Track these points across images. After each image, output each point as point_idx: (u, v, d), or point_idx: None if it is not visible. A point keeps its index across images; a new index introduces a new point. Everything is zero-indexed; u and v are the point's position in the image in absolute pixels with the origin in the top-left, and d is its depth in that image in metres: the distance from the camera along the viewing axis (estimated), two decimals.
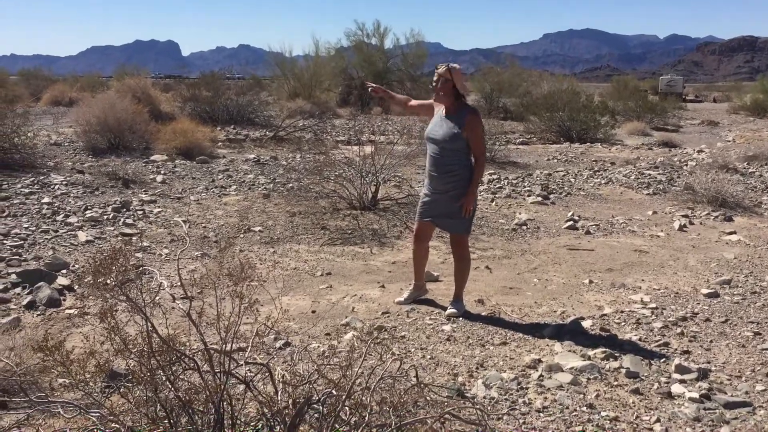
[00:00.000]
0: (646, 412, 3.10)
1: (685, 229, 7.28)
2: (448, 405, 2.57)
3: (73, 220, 6.76)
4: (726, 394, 3.29)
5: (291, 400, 2.26)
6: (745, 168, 11.32)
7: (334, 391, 2.26)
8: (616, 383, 3.39)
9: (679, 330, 4.17)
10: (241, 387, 2.40)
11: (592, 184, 9.92)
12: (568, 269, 5.70)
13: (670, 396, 3.26)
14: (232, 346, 2.30)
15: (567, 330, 4.13)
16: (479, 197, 6.02)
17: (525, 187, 9.52)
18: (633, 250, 6.35)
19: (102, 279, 2.25)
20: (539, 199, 8.63)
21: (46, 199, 7.56)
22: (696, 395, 3.22)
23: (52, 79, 31.09)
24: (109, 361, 2.31)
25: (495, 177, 10.21)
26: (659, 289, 5.10)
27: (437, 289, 4.92)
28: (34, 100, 23.94)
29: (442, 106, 4.37)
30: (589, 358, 3.67)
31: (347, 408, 2.28)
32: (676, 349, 3.88)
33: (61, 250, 5.80)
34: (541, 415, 3.04)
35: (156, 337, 2.23)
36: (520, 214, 7.80)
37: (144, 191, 8.43)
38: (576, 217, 7.65)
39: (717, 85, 79.51)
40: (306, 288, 5.06)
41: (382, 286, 5.06)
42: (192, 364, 2.26)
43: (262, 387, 2.48)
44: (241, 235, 6.54)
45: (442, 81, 4.26)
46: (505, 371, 3.51)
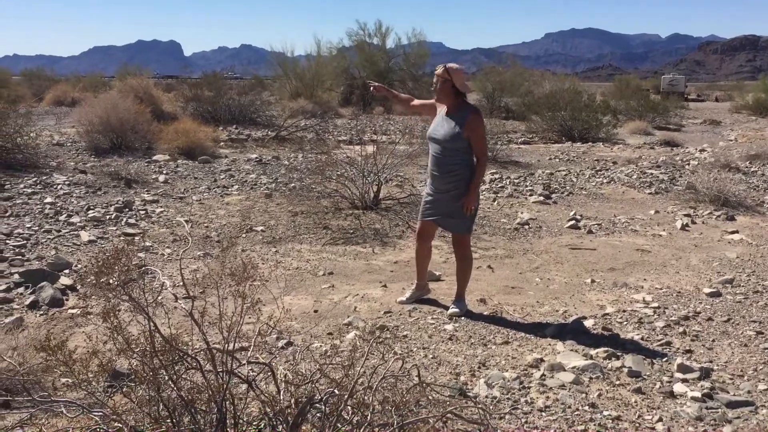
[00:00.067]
0: (648, 411, 3.10)
1: (687, 228, 7.27)
2: (450, 404, 2.58)
3: (75, 220, 6.77)
4: (728, 393, 3.29)
5: (293, 400, 2.26)
6: (747, 167, 11.31)
7: (336, 391, 2.27)
8: (618, 382, 3.39)
9: (681, 329, 4.17)
10: (244, 386, 2.41)
11: (594, 184, 9.91)
12: (570, 269, 5.69)
13: (672, 395, 3.25)
14: (234, 345, 2.30)
15: (569, 329, 4.12)
16: (481, 197, 6.01)
17: (527, 186, 9.51)
18: (635, 250, 6.35)
19: (105, 279, 2.25)
20: (541, 198, 8.62)
21: (49, 199, 7.58)
22: (698, 394, 3.22)
23: (55, 79, 31.14)
24: (111, 360, 2.32)
25: (497, 176, 10.20)
26: (661, 289, 5.10)
27: (439, 289, 4.92)
28: (37, 100, 23.99)
29: (444, 106, 4.38)
30: (591, 358, 3.67)
31: (349, 407, 2.28)
32: (679, 348, 3.88)
33: (63, 250, 5.81)
34: (543, 414, 3.04)
35: (158, 337, 2.24)
36: (522, 213, 7.79)
37: (146, 191, 8.44)
38: (578, 217, 7.64)
39: (719, 84, 79.44)
40: (308, 287, 5.06)
41: (384, 286, 5.06)
42: (194, 364, 2.27)
43: (265, 386, 2.49)
44: (244, 235, 6.55)
45: (441, 82, 4.28)
46: (507, 370, 3.51)
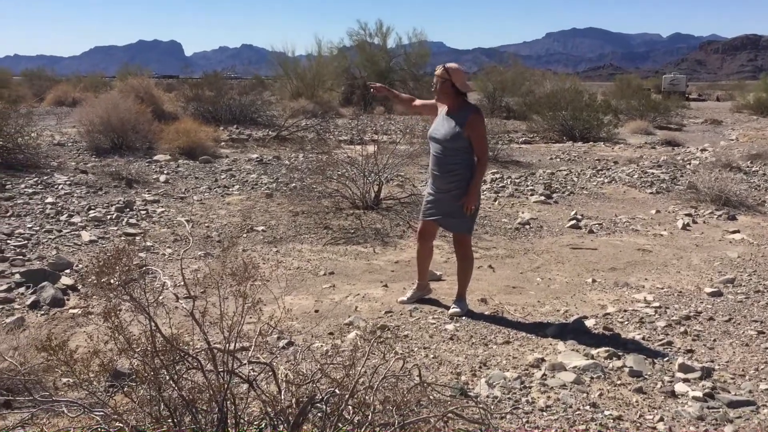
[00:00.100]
0: (649, 411, 3.09)
1: (688, 228, 7.26)
2: (451, 404, 2.57)
3: (76, 219, 6.78)
4: (730, 393, 3.28)
5: (294, 399, 2.26)
6: (748, 167, 11.29)
7: (337, 390, 2.26)
8: (619, 382, 3.39)
9: (682, 329, 4.16)
10: (245, 386, 2.41)
11: (595, 183, 9.90)
12: (571, 268, 5.69)
13: (673, 395, 3.25)
14: (235, 345, 2.30)
15: (570, 329, 4.12)
16: (482, 196, 5.99)
17: (528, 186, 9.51)
18: (636, 249, 6.34)
19: (105, 278, 2.25)
20: (542, 198, 8.62)
21: (50, 199, 7.59)
22: (699, 394, 3.21)
23: (56, 80, 31.18)
24: (112, 360, 2.32)
25: (498, 176, 10.20)
26: (662, 288, 5.10)
27: (440, 289, 4.92)
28: (38, 100, 24.02)
29: (445, 105, 4.39)
30: (592, 357, 3.67)
31: (350, 407, 2.28)
32: (680, 348, 3.88)
33: (64, 249, 5.81)
34: (544, 414, 3.04)
35: (159, 337, 2.24)
36: (523, 213, 7.79)
37: (147, 191, 8.44)
38: (579, 216, 7.63)
39: (720, 83, 79.41)
40: (309, 287, 5.06)
41: (385, 286, 5.06)
42: (195, 364, 2.27)
43: (266, 386, 2.49)
44: (244, 235, 6.55)
45: (440, 82, 4.30)
46: (508, 370, 3.50)
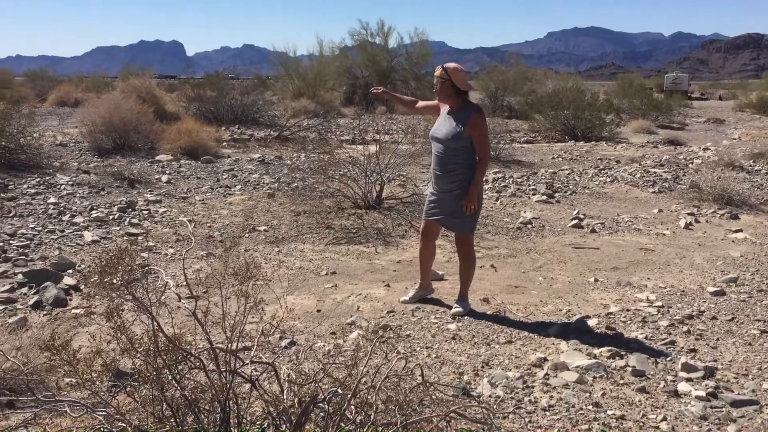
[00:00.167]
0: (652, 410, 3.09)
1: (691, 227, 7.25)
2: (453, 404, 2.57)
3: (79, 220, 6.79)
4: (733, 392, 3.28)
5: (297, 399, 2.26)
6: (751, 166, 11.27)
7: (339, 390, 2.26)
8: (622, 382, 3.38)
9: (685, 328, 4.16)
10: (247, 386, 2.41)
11: (597, 183, 9.89)
12: (574, 268, 5.68)
13: (676, 394, 3.25)
14: (237, 345, 2.30)
15: (573, 328, 4.12)
16: (484, 196, 5.99)
17: (530, 185, 9.50)
18: (639, 249, 6.33)
19: (108, 278, 2.25)
20: (544, 197, 8.61)
21: (52, 200, 7.60)
22: (702, 393, 3.21)
23: (58, 80, 31.25)
24: (115, 360, 2.32)
25: (500, 176, 10.19)
26: (665, 288, 5.09)
27: (442, 288, 4.92)
28: (40, 100, 24.08)
29: (447, 105, 4.39)
30: (594, 357, 3.66)
31: (353, 407, 2.28)
32: (683, 347, 3.87)
33: (67, 250, 5.82)
34: (546, 413, 3.04)
35: (162, 337, 2.24)
36: (525, 212, 7.78)
37: (149, 191, 8.45)
38: (581, 216, 7.63)
39: (723, 82, 79.25)
40: (311, 287, 5.06)
41: (387, 285, 5.06)
42: (198, 363, 2.27)
43: (268, 386, 2.49)
44: (246, 235, 6.55)
45: (440, 83, 4.33)
46: (510, 370, 3.50)
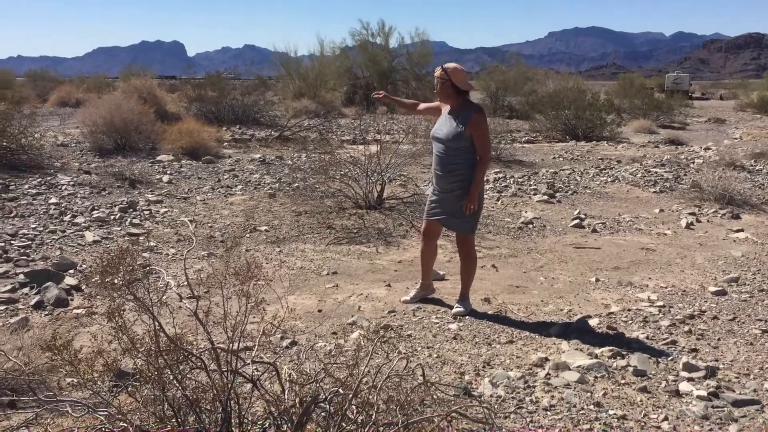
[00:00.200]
0: (653, 410, 3.09)
1: (692, 226, 7.25)
2: (454, 403, 2.57)
3: (80, 220, 6.79)
4: (734, 392, 3.27)
5: (298, 399, 2.26)
6: (752, 165, 11.26)
7: (340, 390, 2.26)
8: (623, 381, 3.38)
9: (686, 328, 4.15)
10: (248, 386, 2.41)
11: (598, 183, 9.88)
12: (575, 267, 5.68)
13: (677, 394, 3.25)
14: (238, 345, 2.30)
15: (574, 328, 4.12)
16: (485, 196, 5.97)
17: (531, 185, 9.50)
18: (640, 248, 6.33)
19: (109, 279, 2.26)
20: (545, 197, 8.61)
21: (54, 200, 7.60)
22: (704, 393, 3.20)
23: (59, 80, 31.31)
24: (116, 360, 2.32)
25: (501, 176, 10.19)
26: (666, 287, 5.08)
27: (443, 288, 4.92)
28: (41, 101, 24.11)
29: (448, 105, 4.40)
30: (596, 357, 3.66)
31: (354, 406, 2.28)
32: (684, 347, 3.87)
33: (68, 250, 5.82)
34: (548, 413, 3.03)
35: (163, 337, 2.24)
36: (526, 212, 7.78)
37: (150, 191, 8.46)
38: (582, 216, 7.62)
39: (724, 82, 79.18)
40: (312, 287, 5.06)
41: (388, 285, 5.06)
42: (199, 363, 2.27)
43: (269, 386, 2.49)
44: (247, 235, 6.55)
45: (440, 83, 4.33)
46: (511, 370, 3.50)
